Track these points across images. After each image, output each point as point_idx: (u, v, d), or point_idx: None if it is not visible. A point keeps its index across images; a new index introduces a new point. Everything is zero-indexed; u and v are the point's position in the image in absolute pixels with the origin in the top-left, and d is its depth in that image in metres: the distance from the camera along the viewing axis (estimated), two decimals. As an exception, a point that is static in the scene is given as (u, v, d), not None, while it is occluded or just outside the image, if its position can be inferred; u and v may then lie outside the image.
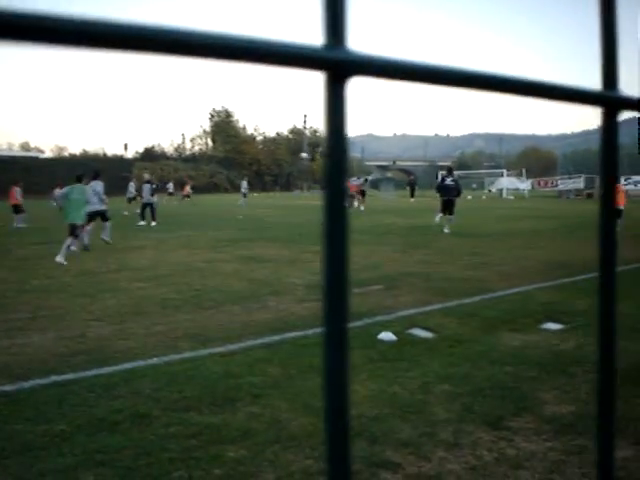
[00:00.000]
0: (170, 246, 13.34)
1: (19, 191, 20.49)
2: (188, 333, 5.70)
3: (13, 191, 20.45)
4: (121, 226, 18.46)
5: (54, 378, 4.45)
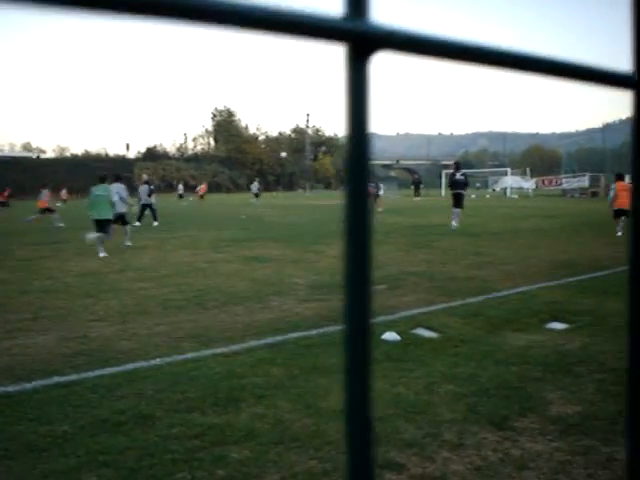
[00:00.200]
0: (172, 246, 13.34)
1: (47, 193, 20.52)
2: (191, 333, 5.69)
3: (43, 194, 20.43)
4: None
5: (57, 379, 4.44)
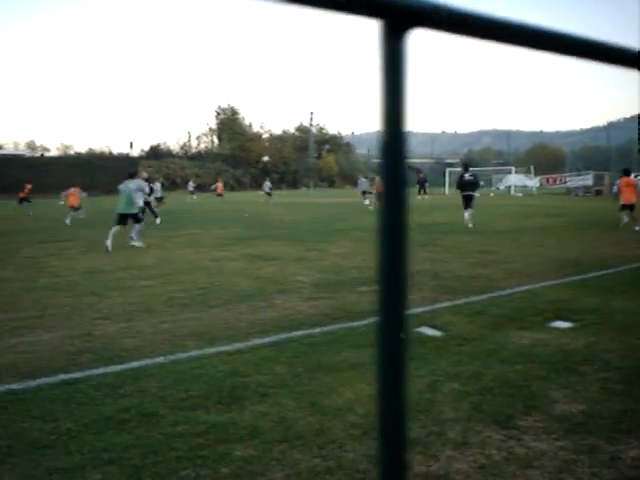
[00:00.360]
0: (176, 244, 13.36)
1: (77, 190, 20.96)
2: (195, 331, 5.70)
3: (72, 192, 20.84)
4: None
5: (61, 376, 4.45)
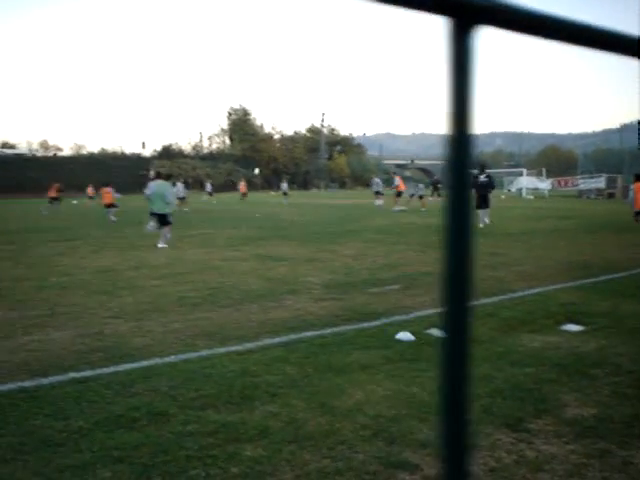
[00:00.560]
0: (188, 244, 13.40)
1: (110, 190, 21.58)
2: (205, 331, 5.71)
3: (106, 191, 21.54)
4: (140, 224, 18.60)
5: (72, 375, 4.48)
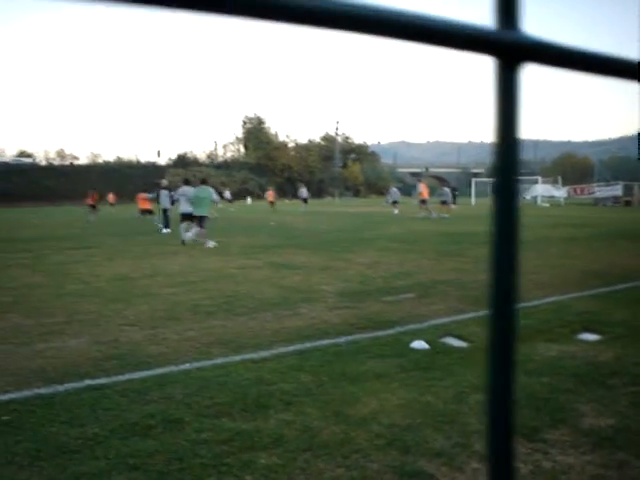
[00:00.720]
0: (202, 252, 13.46)
1: (144, 196, 22.07)
2: (220, 339, 5.73)
3: (142, 197, 22.01)
4: (156, 232, 18.71)
5: (88, 382, 4.51)
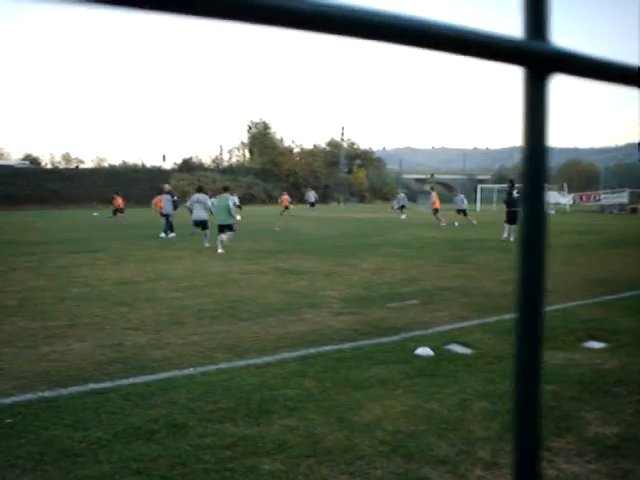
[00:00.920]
0: (206, 257, 13.46)
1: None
2: (224, 344, 5.73)
3: (159, 200, 20.98)
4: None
5: (92, 386, 4.51)
